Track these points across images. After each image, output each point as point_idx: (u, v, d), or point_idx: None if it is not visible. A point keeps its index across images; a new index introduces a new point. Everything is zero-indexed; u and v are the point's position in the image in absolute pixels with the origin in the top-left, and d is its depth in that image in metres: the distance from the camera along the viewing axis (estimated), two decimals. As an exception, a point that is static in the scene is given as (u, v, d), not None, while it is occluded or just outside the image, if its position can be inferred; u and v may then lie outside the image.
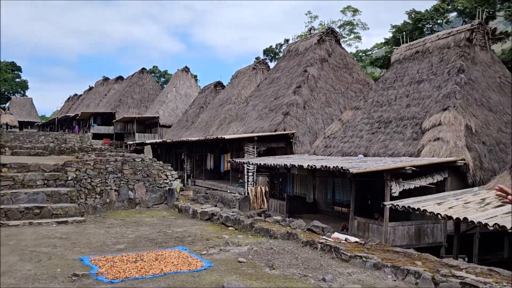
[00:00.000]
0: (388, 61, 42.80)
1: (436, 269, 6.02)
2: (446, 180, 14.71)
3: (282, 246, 8.24)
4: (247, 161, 19.40)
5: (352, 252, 7.23)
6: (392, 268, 6.32)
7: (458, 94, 16.47)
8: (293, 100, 25.45)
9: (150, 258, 7.52)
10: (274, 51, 64.43)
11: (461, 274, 5.66)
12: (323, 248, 7.72)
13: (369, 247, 7.52)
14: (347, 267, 6.77)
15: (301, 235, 8.68)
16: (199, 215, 12.53)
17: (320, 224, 9.43)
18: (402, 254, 7.05)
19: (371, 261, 6.66)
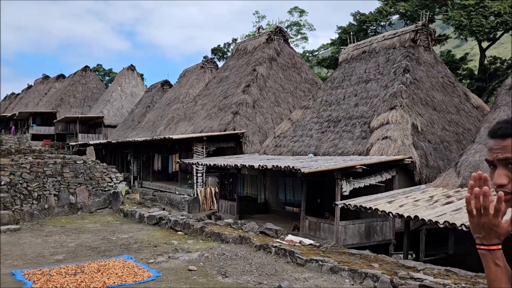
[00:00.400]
0: (334, 61, 43.57)
1: (394, 271, 5.87)
2: (394, 178, 14.90)
3: (234, 251, 7.87)
4: (196, 162, 18.87)
5: (308, 255, 6.98)
6: (350, 271, 6.12)
7: (404, 94, 16.78)
8: (243, 99, 25.15)
9: (92, 270, 6.92)
10: (223, 51, 63.90)
11: (419, 276, 5.53)
12: (278, 252, 7.43)
13: (324, 250, 7.30)
14: (303, 272, 6.50)
15: (254, 239, 8.34)
16: (146, 220, 11.91)
17: (274, 226, 9.14)
18: (358, 256, 6.89)
19: (327, 265, 6.43)
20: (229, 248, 8.18)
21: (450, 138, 16.78)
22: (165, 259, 7.52)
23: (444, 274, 5.75)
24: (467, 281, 5.35)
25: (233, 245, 8.44)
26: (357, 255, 6.95)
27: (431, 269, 5.99)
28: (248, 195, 18.66)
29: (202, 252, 7.84)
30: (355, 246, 14.14)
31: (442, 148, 16.21)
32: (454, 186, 12.29)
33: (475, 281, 5.31)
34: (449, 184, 12.44)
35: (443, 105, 17.78)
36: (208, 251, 8.00)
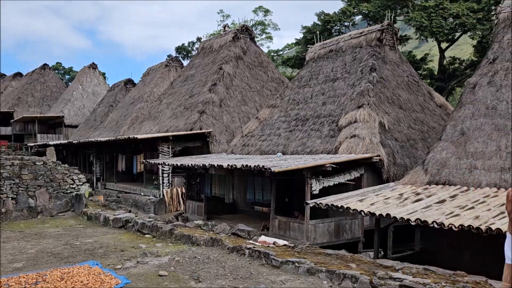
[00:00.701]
0: (299, 61, 43.83)
1: (372, 272, 5.75)
2: (362, 176, 14.96)
3: (206, 254, 7.58)
4: (162, 162, 18.39)
5: (283, 257, 6.78)
6: (327, 273, 5.95)
7: (371, 92, 16.89)
8: (209, 98, 24.79)
9: (54, 278, 6.47)
10: (187, 49, 63.16)
11: (398, 276, 5.43)
12: (252, 254, 7.19)
13: (299, 251, 7.12)
14: (279, 275, 6.29)
15: (226, 241, 8.07)
16: (112, 223, 11.41)
17: (246, 227, 8.90)
18: (334, 256, 6.74)
19: (304, 266, 6.24)
20: (200, 251, 7.87)
21: (416, 136, 17.02)
22: (133, 264, 7.14)
23: (423, 273, 5.67)
24: (446, 279, 5.29)
25: (205, 247, 8.14)
26: (333, 255, 6.80)
27: (409, 268, 5.91)
28: (216, 196, 18.35)
29: (173, 256, 7.51)
30: (324, 245, 14.08)
31: (408, 146, 16.41)
32: (422, 183, 12.41)
33: (455, 280, 5.26)
34: (417, 182, 12.56)
35: (409, 104, 18.03)
36: (179, 254, 7.68)
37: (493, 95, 12.92)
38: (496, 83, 13.10)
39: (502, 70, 13.28)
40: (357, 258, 6.54)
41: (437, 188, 11.79)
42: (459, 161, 12.26)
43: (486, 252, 11.62)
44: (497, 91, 12.94)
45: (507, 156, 11.50)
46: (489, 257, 11.84)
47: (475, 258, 11.88)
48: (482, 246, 11.58)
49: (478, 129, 12.52)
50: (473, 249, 11.92)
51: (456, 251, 12.32)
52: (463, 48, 58.99)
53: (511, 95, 12.55)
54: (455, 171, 12.15)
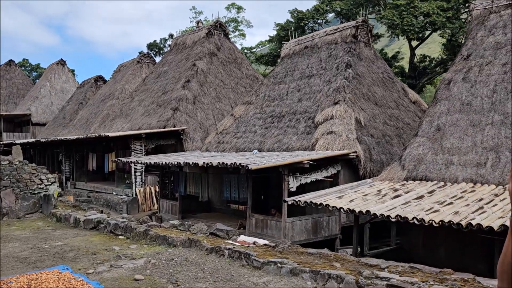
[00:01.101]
0: (273, 58, 43.70)
1: (358, 271, 5.56)
2: (339, 172, 14.87)
3: (184, 255, 7.26)
4: (135, 160, 17.88)
5: (264, 257, 6.53)
6: (311, 273, 5.74)
7: (347, 88, 16.83)
8: (183, 95, 24.33)
9: (21, 285, 6.04)
10: (159, 46, 62.17)
11: (385, 275, 5.26)
12: (231, 255, 6.91)
13: (281, 250, 6.89)
14: (261, 276, 6.04)
15: (204, 241, 7.77)
16: (83, 224, 10.92)
17: (224, 227, 8.62)
18: (317, 256, 6.53)
19: (286, 267, 6.01)
20: (177, 252, 7.54)
21: (391, 133, 17.06)
22: (106, 268, 6.76)
23: (409, 271, 5.53)
24: (433, 278, 5.15)
25: (182, 249, 7.81)
26: (316, 254, 6.60)
27: (395, 266, 5.75)
28: (190, 194, 17.98)
29: (148, 258, 7.16)
30: (302, 243, 13.92)
31: (384, 142, 16.42)
32: (400, 179, 12.39)
33: (442, 278, 5.12)
34: (395, 178, 12.53)
35: (384, 100, 18.07)
36: (155, 256, 7.33)
37: (468, 91, 13.01)
38: (471, 79, 13.20)
39: (476, 67, 13.39)
40: (340, 257, 6.36)
41: (414, 184, 11.78)
42: (435, 156, 12.30)
43: (462, 247, 11.71)
44: (471, 87, 13.03)
45: (482, 152, 11.58)
46: (465, 253, 11.96)
47: (451, 253, 11.95)
48: (458, 242, 11.65)
49: (454, 125, 12.58)
50: (448, 244, 11.98)
51: (432, 247, 12.36)
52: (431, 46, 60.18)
53: (485, 91, 12.65)
54: (431, 166, 12.17)
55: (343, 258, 6.29)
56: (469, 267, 11.72)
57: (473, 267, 11.70)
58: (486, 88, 12.69)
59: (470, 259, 11.58)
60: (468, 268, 11.79)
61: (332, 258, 6.35)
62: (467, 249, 11.61)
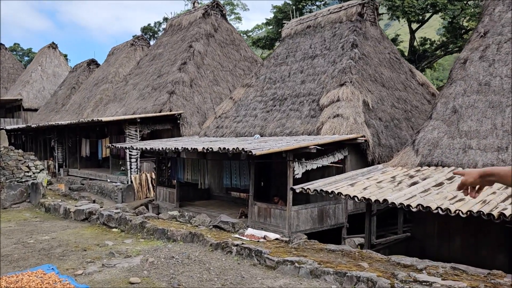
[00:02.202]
0: (270, 41, 42.60)
1: (391, 273, 4.76)
2: (346, 158, 14.08)
3: (186, 252, 6.42)
4: (130, 146, 16.98)
5: (278, 255, 5.72)
6: (336, 275, 4.93)
7: (354, 69, 15.93)
8: (179, 78, 23.34)
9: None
10: (153, 30, 60.84)
11: (424, 278, 4.45)
12: (240, 252, 6.09)
13: (296, 247, 6.07)
14: (276, 278, 5.23)
15: (207, 235, 6.94)
16: (73, 215, 10.06)
17: (229, 218, 7.78)
18: (339, 253, 5.72)
19: (306, 267, 5.19)
20: (178, 248, 6.71)
21: (400, 116, 16.22)
22: (97, 268, 5.92)
23: (452, 273, 4.73)
24: (484, 282, 4.35)
25: (183, 244, 6.98)
26: (337, 252, 5.78)
27: (435, 267, 4.94)
28: (188, 181, 17.14)
29: (145, 256, 6.32)
30: (308, 232, 13.19)
31: (392, 126, 15.60)
32: (413, 165, 11.58)
33: (495, 283, 4.33)
34: (408, 163, 11.72)
35: (391, 82, 17.19)
36: (153, 253, 6.49)
37: (485, 71, 12.14)
38: (489, 57, 12.32)
39: (494, 44, 12.50)
40: (367, 255, 5.54)
41: (430, 170, 10.97)
42: (452, 140, 11.47)
43: (479, 237, 10.98)
44: (489, 66, 12.16)
45: (503, 135, 10.77)
46: (483, 243, 11.25)
47: (467, 244, 11.21)
48: (475, 232, 10.92)
49: (471, 107, 11.73)
50: (465, 234, 11.23)
51: (447, 237, 11.62)
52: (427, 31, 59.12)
53: (505, 70, 11.79)
54: (448, 151, 11.35)
55: (370, 257, 5.48)
56: (488, 259, 11.02)
57: (491, 258, 11.00)
58: (506, 67, 11.82)
59: (488, 250, 10.85)
60: (486, 260, 11.11)
61: (357, 256, 5.54)
62: (486, 240, 10.87)
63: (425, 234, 12.10)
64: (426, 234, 12.08)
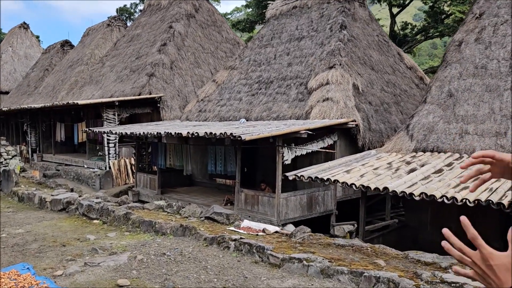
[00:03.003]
0: (250, 24, 41.69)
1: (414, 272, 4.28)
2: (335, 143, 13.60)
3: (178, 248, 5.82)
4: (109, 130, 16.14)
5: (282, 251, 5.17)
6: (351, 274, 4.42)
7: (343, 52, 15.37)
8: (159, 60, 22.39)
9: (-35, 296, 4.52)
10: (130, 11, 58.94)
11: (453, 279, 3.98)
12: (239, 247, 5.52)
13: (301, 241, 5.53)
14: (283, 278, 4.68)
15: (200, 228, 6.34)
16: (50, 205, 9.30)
17: (223, 209, 7.19)
18: (349, 248, 5.21)
19: (315, 265, 4.66)
20: (168, 243, 6.10)
21: (389, 100, 15.81)
22: (79, 267, 5.26)
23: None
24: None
25: (173, 238, 6.37)
26: (347, 247, 5.26)
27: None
28: (171, 167, 16.43)
29: (133, 253, 5.69)
30: (297, 220, 12.75)
31: (382, 110, 15.17)
32: (408, 150, 11.18)
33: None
34: (403, 149, 11.31)
35: (380, 65, 16.72)
36: (141, 249, 5.87)
37: (481, 53, 11.76)
38: (485, 40, 11.93)
39: (490, 26, 12.11)
40: (380, 251, 5.05)
41: (426, 156, 10.59)
42: (448, 125, 11.10)
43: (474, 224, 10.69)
44: (485, 48, 11.78)
45: (502, 120, 10.43)
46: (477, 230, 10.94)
47: (462, 231, 10.90)
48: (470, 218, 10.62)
49: (468, 90, 11.36)
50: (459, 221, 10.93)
51: (441, 225, 11.30)
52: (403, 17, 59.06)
53: (502, 53, 11.43)
54: (444, 136, 10.98)
55: (385, 252, 4.99)
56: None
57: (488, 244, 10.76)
58: (503, 49, 11.46)
59: (483, 237, 10.56)
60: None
61: (370, 252, 5.04)
62: (480, 227, 10.58)
63: (419, 222, 11.79)
64: (420, 222, 11.77)
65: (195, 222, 6.79)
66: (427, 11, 35.99)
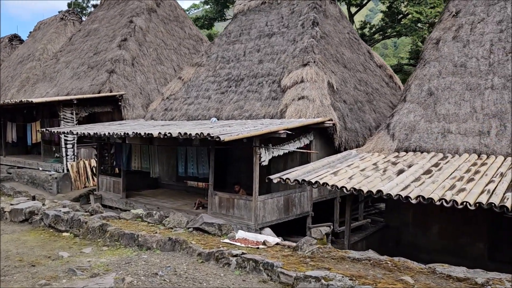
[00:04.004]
0: (209, 21, 40.88)
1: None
2: (311, 143, 13.20)
3: (170, 265, 5.12)
4: (69, 131, 15.00)
5: (293, 267, 4.60)
6: (381, 296, 3.91)
7: (316, 49, 14.99)
8: (119, 56, 21.28)
9: None
10: (82, 6, 56.48)
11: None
12: (242, 264, 4.89)
13: (311, 255, 4.98)
14: (301, 300, 4.12)
15: (191, 241, 5.66)
16: (9, 216, 8.29)
17: (214, 219, 6.52)
18: (367, 263, 4.70)
19: (336, 285, 4.11)
20: (157, 259, 5.38)
21: (362, 98, 15.60)
22: (57, 294, 4.48)
23: (525, 289, 3.88)
24: None
25: (161, 253, 5.65)
26: (364, 261, 4.76)
27: (498, 281, 4.04)
28: (137, 169, 15.49)
29: (119, 273, 4.93)
30: (274, 224, 12.26)
31: (356, 109, 14.92)
32: (390, 150, 10.90)
33: None
34: (385, 149, 11.02)
35: (352, 63, 16.50)
36: (127, 269, 5.12)
37: (460, 52, 11.67)
38: (462, 38, 11.85)
39: (467, 24, 12.05)
40: (401, 265, 4.58)
41: (410, 156, 10.33)
42: (429, 124, 10.91)
43: (458, 225, 10.58)
44: (464, 46, 11.70)
45: (484, 119, 10.33)
46: (462, 231, 10.86)
47: (445, 232, 10.79)
48: (453, 219, 10.49)
49: (448, 89, 11.22)
50: (442, 222, 10.80)
51: (424, 225, 11.14)
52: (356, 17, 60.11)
53: (480, 51, 11.37)
54: (426, 136, 10.78)
55: (407, 267, 4.53)
56: (467, 246, 10.68)
57: (471, 246, 10.66)
58: (482, 48, 11.40)
59: (467, 238, 10.49)
60: (466, 248, 10.78)
61: (391, 266, 4.56)
62: (465, 227, 10.48)
63: (401, 222, 11.57)
64: (402, 222, 11.55)
65: (183, 234, 6.10)
66: (384, 11, 36.52)
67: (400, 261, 4.73)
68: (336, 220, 14.50)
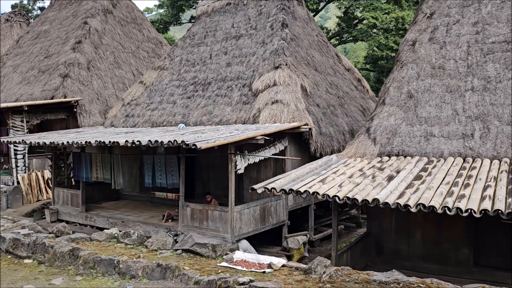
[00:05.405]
0: (164, 24, 39.78)
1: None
2: (286, 148, 12.66)
3: (164, 299, 4.33)
4: (21, 140, 13.67)
5: (314, 297, 3.94)
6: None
7: (287, 51, 14.48)
8: (73, 59, 19.96)
9: None
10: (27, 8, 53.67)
11: None
12: (252, 295, 4.18)
13: (329, 279, 4.33)
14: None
15: (184, 267, 4.87)
16: (-44, 240, 7.12)
17: (206, 240, 5.76)
18: (397, 287, 4.12)
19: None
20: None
21: (334, 102, 15.24)
22: None
23: None
24: None
25: (148, 282, 4.81)
26: (393, 284, 4.17)
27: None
28: (98, 180, 14.33)
29: (103, 312, 4.09)
30: (250, 235, 11.59)
31: (329, 113, 14.53)
32: (373, 155, 10.47)
33: None
34: (367, 154, 10.58)
35: (323, 66, 16.13)
36: (111, 305, 4.28)
37: (437, 53, 11.45)
38: (439, 40, 11.66)
39: (443, 26, 11.88)
40: (435, 287, 4.02)
41: (394, 161, 9.94)
42: (411, 128, 10.58)
43: (441, 231, 10.29)
44: (441, 48, 11.50)
45: (467, 121, 10.11)
46: (445, 237, 10.58)
47: (428, 238, 10.47)
48: (436, 225, 10.20)
49: (428, 91, 10.95)
50: (425, 229, 10.47)
51: (406, 232, 10.78)
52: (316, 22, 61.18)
53: (458, 53, 11.20)
54: (408, 139, 10.43)
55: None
56: (451, 252, 10.40)
57: (455, 252, 10.39)
58: (459, 49, 11.24)
59: (451, 244, 10.19)
60: (449, 254, 10.50)
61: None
62: (448, 233, 10.19)
63: (381, 229, 11.15)
64: (383, 229, 11.14)
65: (172, 258, 5.30)
66: (340, 16, 36.76)
67: (433, 284, 4.18)
68: (311, 228, 14.03)
